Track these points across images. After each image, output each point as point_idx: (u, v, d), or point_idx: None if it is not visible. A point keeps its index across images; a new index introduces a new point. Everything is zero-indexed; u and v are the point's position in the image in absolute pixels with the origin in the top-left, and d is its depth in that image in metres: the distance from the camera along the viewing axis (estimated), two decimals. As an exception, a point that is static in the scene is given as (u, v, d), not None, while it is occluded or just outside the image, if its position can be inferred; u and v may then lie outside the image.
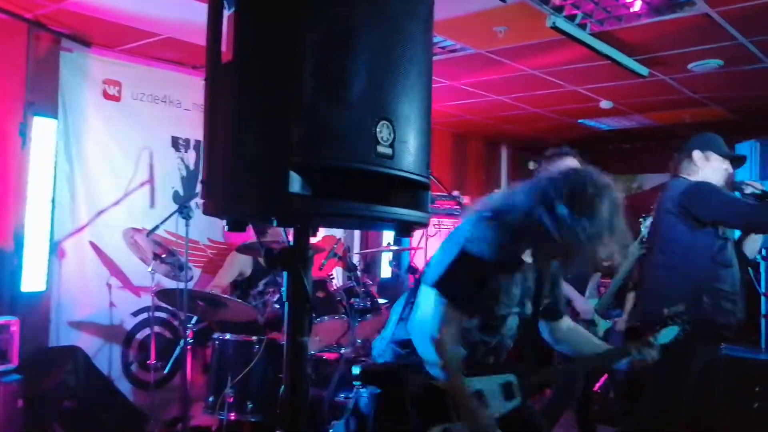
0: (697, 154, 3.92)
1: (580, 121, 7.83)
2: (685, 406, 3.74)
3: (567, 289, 4.65)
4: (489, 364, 2.81)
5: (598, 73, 5.72)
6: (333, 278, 5.09)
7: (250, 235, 4.38)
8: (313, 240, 1.62)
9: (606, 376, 5.71)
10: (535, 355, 3.02)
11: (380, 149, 1.46)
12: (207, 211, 1.49)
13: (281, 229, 4.74)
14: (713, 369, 3.89)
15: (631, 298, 5.16)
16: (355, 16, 1.47)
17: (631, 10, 4.38)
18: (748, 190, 3.84)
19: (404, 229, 1.65)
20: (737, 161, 4.04)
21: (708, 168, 3.91)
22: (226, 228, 1.55)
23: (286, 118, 1.39)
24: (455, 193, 6.60)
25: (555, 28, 4.44)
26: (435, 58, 5.22)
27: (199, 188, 5.77)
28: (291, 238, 1.60)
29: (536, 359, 3.01)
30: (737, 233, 3.99)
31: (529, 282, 2.81)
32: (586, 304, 4.72)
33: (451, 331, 2.61)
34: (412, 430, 2.55)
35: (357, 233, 7.70)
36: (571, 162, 4.85)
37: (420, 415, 2.57)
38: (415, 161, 1.56)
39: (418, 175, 1.56)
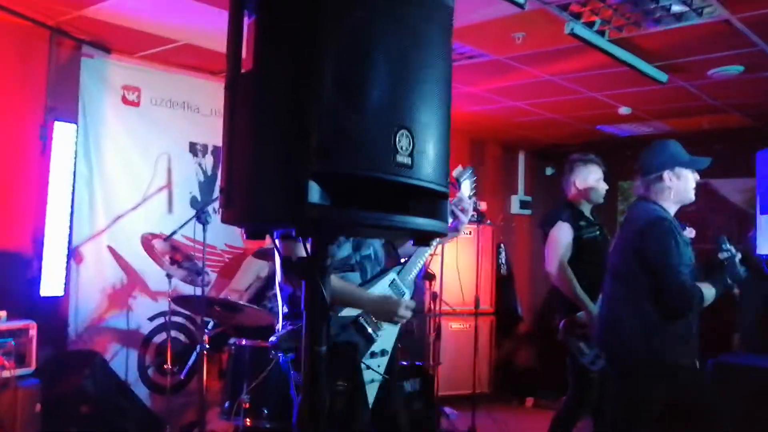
0: (667, 174, 3.69)
1: (598, 127, 7.80)
2: None
3: (581, 296, 4.61)
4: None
5: (617, 79, 5.69)
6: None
7: (267, 240, 4.39)
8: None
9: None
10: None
11: (399, 158, 1.46)
12: (226, 220, 1.49)
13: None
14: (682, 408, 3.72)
15: None
16: (374, 24, 1.47)
17: (650, 16, 4.36)
18: (723, 255, 3.62)
19: (423, 239, 1.65)
20: (704, 167, 3.80)
21: (680, 185, 3.70)
22: (243, 237, 1.55)
23: (305, 127, 1.38)
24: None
25: (573, 34, 4.43)
26: (453, 64, 5.21)
27: (216, 193, 5.84)
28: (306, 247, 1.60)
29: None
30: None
31: None
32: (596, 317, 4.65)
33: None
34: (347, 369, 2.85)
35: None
36: (595, 169, 4.84)
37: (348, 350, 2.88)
38: (434, 170, 1.55)
39: (437, 184, 1.55)
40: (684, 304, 3.54)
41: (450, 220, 3.12)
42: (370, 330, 2.94)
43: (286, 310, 2.93)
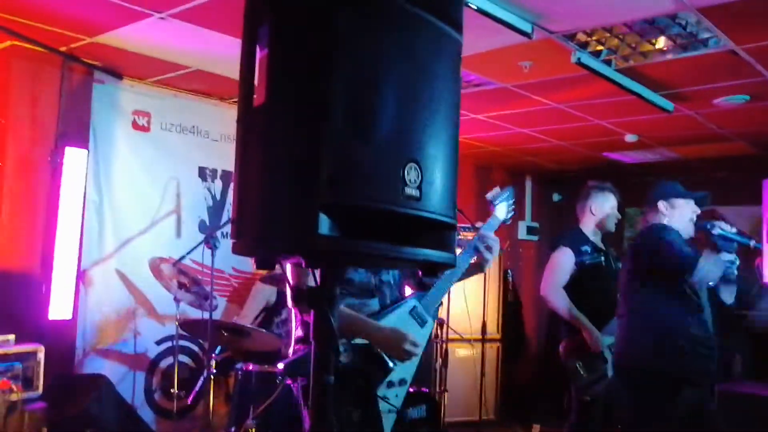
0: (662, 204, 3.98)
1: (604, 154, 7.82)
2: None
3: (578, 316, 4.64)
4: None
5: (623, 107, 5.72)
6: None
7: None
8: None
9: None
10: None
11: (408, 191, 1.48)
12: (236, 251, 1.51)
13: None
14: (704, 414, 3.82)
15: None
16: (384, 58, 1.49)
17: (656, 46, 4.39)
18: (716, 231, 3.67)
19: (431, 270, 1.67)
20: (703, 200, 4.04)
21: (676, 214, 3.96)
22: (253, 266, 1.57)
23: (315, 159, 1.40)
24: (478, 224, 6.60)
25: (580, 63, 4.46)
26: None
27: (225, 218, 5.87)
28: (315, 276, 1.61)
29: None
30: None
31: None
32: (596, 336, 4.65)
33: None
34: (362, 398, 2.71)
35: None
36: (611, 198, 4.87)
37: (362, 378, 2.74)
38: (442, 202, 1.57)
39: (444, 215, 1.57)
40: (678, 261, 3.71)
41: (473, 257, 3.04)
42: (386, 358, 2.78)
43: (300, 333, 2.88)
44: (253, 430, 4.37)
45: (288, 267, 2.72)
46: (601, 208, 4.89)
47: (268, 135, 1.50)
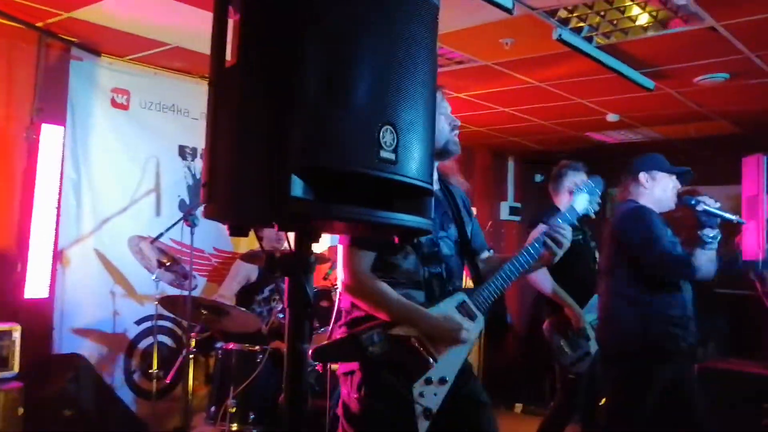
0: (642, 175, 3.94)
1: (587, 134, 7.83)
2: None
3: (560, 293, 4.66)
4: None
5: (605, 86, 5.72)
6: (337, 288, 5.08)
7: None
8: (317, 250, 1.61)
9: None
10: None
11: (383, 154, 1.45)
12: (208, 215, 1.48)
13: (275, 234, 4.70)
14: (683, 390, 3.84)
15: None
16: (359, 20, 1.47)
17: (637, 23, 4.38)
18: (700, 207, 3.58)
19: (407, 236, 1.65)
20: (685, 176, 4.00)
21: (657, 187, 3.93)
22: (227, 232, 1.54)
23: (288, 122, 1.38)
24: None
25: (561, 40, 4.45)
26: (441, 69, 5.22)
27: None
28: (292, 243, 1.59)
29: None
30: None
31: (443, 206, 2.85)
32: (578, 312, 4.67)
33: (364, 268, 2.61)
34: (395, 394, 2.55)
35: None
36: (582, 177, 4.86)
37: (396, 373, 2.56)
38: (419, 167, 1.55)
39: (421, 181, 1.55)
40: (673, 272, 3.70)
41: (540, 251, 2.84)
42: (424, 353, 2.59)
43: (342, 320, 2.76)
44: (234, 409, 4.37)
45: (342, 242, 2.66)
46: (565, 189, 4.88)
47: (239, 97, 1.47)
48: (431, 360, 2.59)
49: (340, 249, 2.66)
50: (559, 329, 4.75)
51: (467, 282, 2.99)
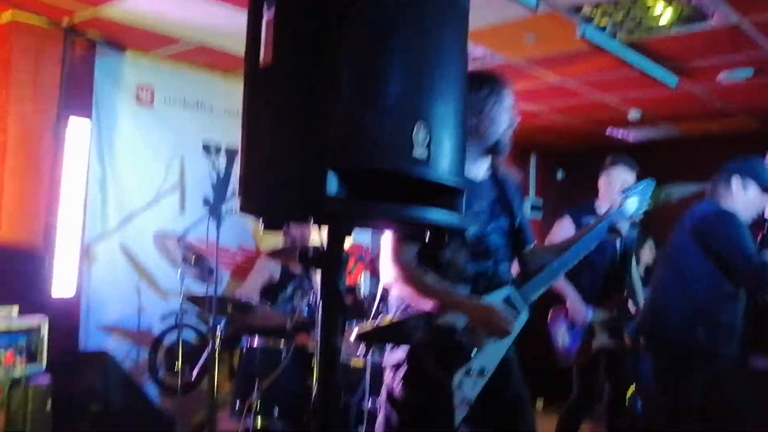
0: (736, 180, 3.68)
1: (608, 130, 7.79)
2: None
3: (564, 286, 4.60)
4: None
5: (627, 82, 5.70)
6: (360, 286, 5.10)
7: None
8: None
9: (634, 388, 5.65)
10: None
11: (416, 153, 1.46)
12: (244, 209, 1.51)
13: (300, 232, 4.71)
14: (724, 389, 3.75)
15: None
16: (391, 19, 1.48)
17: (661, 20, 4.36)
18: None
19: (439, 233, 1.66)
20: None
21: (744, 198, 3.68)
22: (261, 228, 1.55)
23: (325, 121, 1.40)
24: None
25: (585, 38, 4.44)
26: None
27: (230, 194, 5.86)
28: (322, 239, 1.61)
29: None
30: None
31: (493, 196, 2.85)
32: (581, 306, 4.64)
33: (409, 258, 2.61)
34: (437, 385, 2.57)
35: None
36: (621, 174, 4.75)
37: (437, 361, 2.58)
38: (451, 164, 1.56)
39: (453, 178, 1.56)
40: (761, 274, 3.52)
41: (592, 246, 2.88)
42: (466, 344, 2.59)
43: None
44: (258, 405, 4.39)
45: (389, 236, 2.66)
46: (610, 184, 4.77)
47: (275, 96, 1.49)
48: (472, 351, 2.61)
49: (387, 241, 2.67)
50: (558, 320, 4.75)
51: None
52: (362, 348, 2.67)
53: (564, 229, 4.72)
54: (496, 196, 2.87)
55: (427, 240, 1.59)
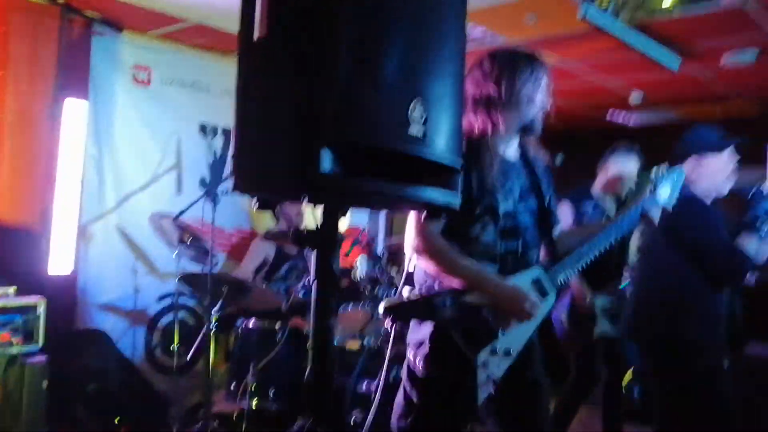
0: (691, 161, 3.53)
1: (609, 114, 7.76)
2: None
3: None
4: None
5: (629, 65, 5.66)
6: (357, 268, 5.08)
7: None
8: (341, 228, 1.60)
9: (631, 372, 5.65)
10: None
11: (412, 130, 1.44)
12: (237, 187, 1.47)
13: (294, 213, 4.69)
14: (716, 379, 3.73)
15: None
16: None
17: (664, 4, 4.31)
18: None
19: (435, 211, 1.63)
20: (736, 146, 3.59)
21: (707, 173, 3.52)
22: (254, 206, 1.53)
23: (320, 97, 1.37)
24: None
25: (586, 18, 4.39)
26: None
27: (226, 174, 5.83)
28: (316, 218, 1.58)
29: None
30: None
31: (523, 176, 2.81)
32: (584, 292, 4.64)
33: (435, 231, 2.59)
34: (462, 363, 2.53)
35: (381, 224, 7.69)
36: (621, 161, 4.73)
37: (464, 338, 2.54)
38: (447, 143, 1.53)
39: (449, 156, 1.54)
40: (736, 267, 3.44)
41: (620, 235, 2.84)
42: (492, 323, 2.57)
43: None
44: (253, 386, 4.39)
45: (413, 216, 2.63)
46: (608, 170, 4.75)
47: (269, 70, 1.46)
48: (498, 330, 2.58)
49: (412, 215, 2.63)
50: (560, 304, 4.74)
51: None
52: (388, 322, 2.59)
53: (563, 214, 4.69)
54: (526, 176, 2.84)
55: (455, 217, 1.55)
